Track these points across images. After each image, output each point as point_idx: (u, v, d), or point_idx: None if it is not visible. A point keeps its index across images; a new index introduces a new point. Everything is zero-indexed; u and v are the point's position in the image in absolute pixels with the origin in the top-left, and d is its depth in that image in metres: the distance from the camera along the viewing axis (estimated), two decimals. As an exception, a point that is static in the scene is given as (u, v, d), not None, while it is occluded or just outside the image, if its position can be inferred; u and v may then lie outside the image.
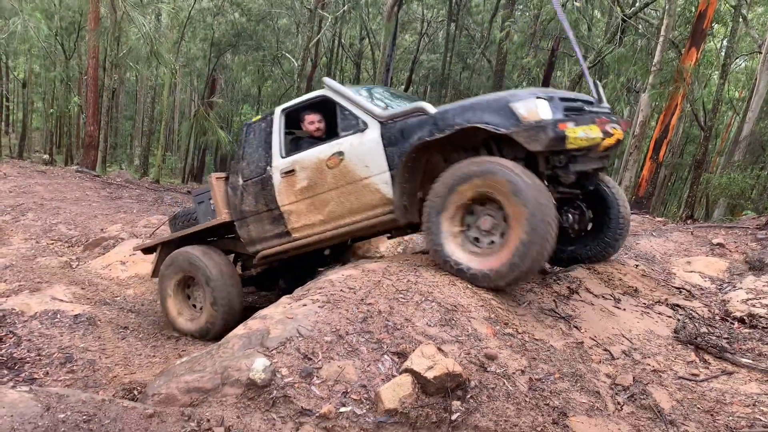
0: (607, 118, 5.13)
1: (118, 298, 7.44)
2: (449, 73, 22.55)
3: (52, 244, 9.83)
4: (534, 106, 4.51)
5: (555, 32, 14.35)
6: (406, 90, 24.46)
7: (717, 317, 5.44)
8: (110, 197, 13.81)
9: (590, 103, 5.26)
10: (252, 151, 6.18)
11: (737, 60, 26.61)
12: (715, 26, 20.66)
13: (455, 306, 4.36)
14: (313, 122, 6.04)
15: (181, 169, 29.11)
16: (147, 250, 7.41)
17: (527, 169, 4.54)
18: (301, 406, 3.33)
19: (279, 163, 5.89)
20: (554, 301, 5.01)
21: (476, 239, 4.86)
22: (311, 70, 21.20)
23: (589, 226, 5.94)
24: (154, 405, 3.50)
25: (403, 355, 3.74)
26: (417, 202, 5.26)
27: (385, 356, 3.74)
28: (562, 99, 4.80)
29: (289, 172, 5.76)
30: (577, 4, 13.74)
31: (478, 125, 4.64)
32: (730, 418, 3.59)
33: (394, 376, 3.56)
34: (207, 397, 3.48)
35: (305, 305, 4.17)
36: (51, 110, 28.72)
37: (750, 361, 4.55)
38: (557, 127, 4.45)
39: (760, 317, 5.49)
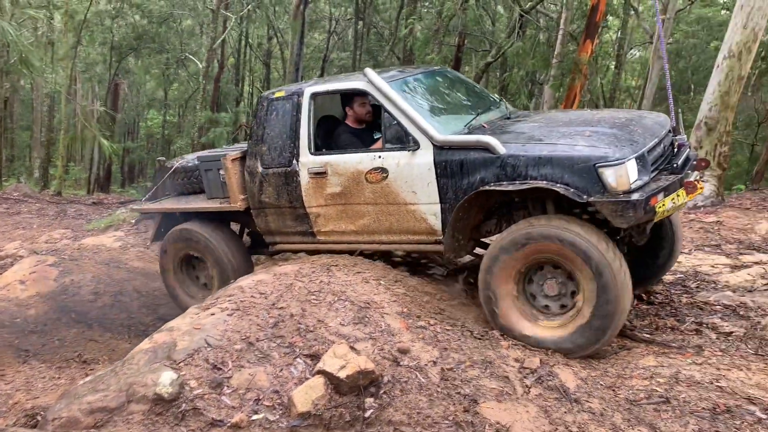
0: (691, 171, 4.50)
1: (18, 320, 7.01)
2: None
3: (-58, 267, 9.16)
4: (624, 173, 3.90)
5: (458, 28, 14.68)
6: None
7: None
8: (7, 213, 13.03)
9: (670, 134, 4.73)
10: (275, 136, 5.43)
11: (632, 50, 28.12)
12: (610, 19, 21.77)
13: (368, 303, 4.38)
14: (363, 104, 5.45)
15: (86, 180, 27.80)
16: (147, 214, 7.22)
17: (608, 239, 4.11)
18: (212, 418, 3.26)
19: (308, 160, 5.23)
20: (464, 290, 5.13)
21: (533, 296, 4.43)
22: (218, 72, 20.73)
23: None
24: (55, 430, 3.34)
25: (316, 357, 3.73)
26: (470, 238, 4.92)
27: (298, 360, 3.72)
28: (650, 150, 4.24)
29: (320, 174, 5.15)
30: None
31: (556, 188, 4.05)
32: (630, 391, 3.79)
33: (307, 379, 3.55)
34: (112, 417, 3.35)
35: (213, 314, 4.09)
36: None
37: (647, 336, 4.83)
38: (649, 204, 3.92)
39: (657, 293, 5.84)
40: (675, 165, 4.35)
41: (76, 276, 8.04)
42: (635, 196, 3.88)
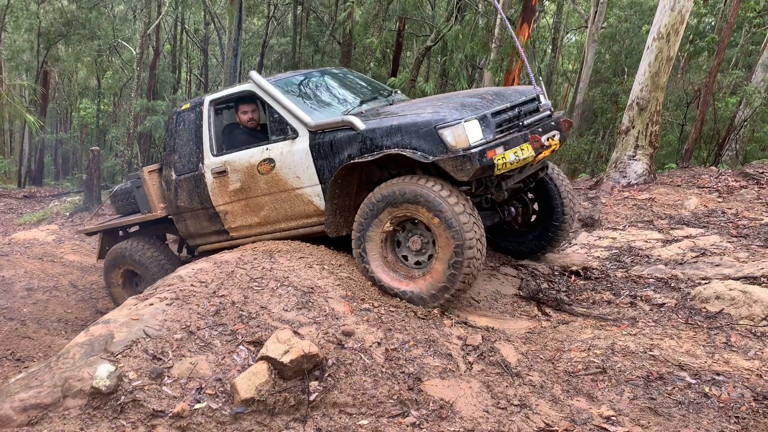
0: (542, 129, 4.84)
1: (-55, 320, 6.69)
2: (300, 56, 22.33)
3: None
4: (462, 131, 4.24)
5: (398, 13, 14.65)
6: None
7: (556, 273, 5.88)
8: (-71, 210, 12.35)
9: (530, 102, 5.04)
10: (183, 144, 5.88)
11: (568, 35, 28.74)
12: (546, 3, 22.17)
13: (312, 288, 4.37)
14: (246, 112, 5.76)
15: (17, 173, 26.61)
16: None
17: (456, 190, 4.40)
18: (153, 408, 3.18)
19: (211, 161, 5.64)
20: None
21: (405, 257, 4.74)
22: (154, 58, 20.12)
23: (533, 218, 5.89)
24: (-15, 430, 3.20)
25: (259, 344, 3.69)
26: (352, 216, 5.04)
27: (241, 347, 3.67)
28: (496, 113, 4.58)
29: (222, 173, 5.54)
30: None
31: (404, 152, 4.41)
32: (569, 363, 3.90)
33: (250, 366, 3.50)
34: (47, 413, 3.23)
35: (152, 304, 3.98)
36: None
37: (584, 310, 4.99)
38: (484, 156, 4.21)
39: (593, 269, 6.02)
40: (522, 123, 4.75)
41: (6, 272, 7.74)
42: (472, 151, 4.22)
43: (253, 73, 5.45)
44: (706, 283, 5.06)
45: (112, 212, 7.59)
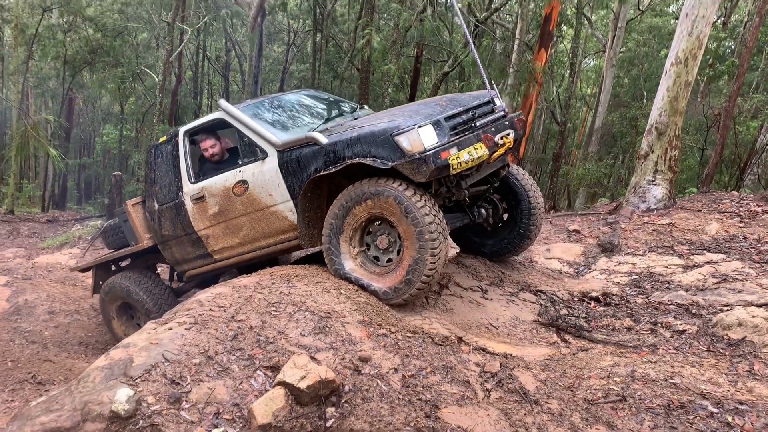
0: (495, 129, 5.09)
1: (-32, 342, 6.79)
2: (320, 83, 22.61)
3: None
4: (416, 137, 4.49)
5: (416, 39, 14.81)
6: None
7: (575, 298, 5.83)
8: (-44, 233, 12.60)
9: (485, 105, 5.30)
10: (162, 175, 6.10)
11: (586, 59, 28.80)
12: (564, 28, 22.26)
13: (329, 313, 4.37)
14: (206, 149, 5.98)
15: (41, 197, 27.08)
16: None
17: (418, 189, 4.61)
18: (170, 434, 3.20)
19: (189, 189, 5.87)
20: (426, 297, 5.16)
21: (376, 258, 4.96)
22: (176, 85, 20.47)
23: (505, 218, 6.13)
24: (6, 454, 3.23)
25: (276, 369, 3.70)
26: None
27: (258, 372, 3.69)
28: (449, 117, 4.83)
29: (200, 198, 5.76)
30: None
31: (365, 161, 4.65)
32: (588, 391, 3.85)
33: (267, 391, 3.51)
34: (66, 438, 3.26)
35: (171, 329, 4.02)
36: None
37: (604, 337, 4.93)
38: (439, 157, 4.46)
39: (613, 295, 5.96)
40: (474, 125, 4.98)
41: (29, 295, 7.85)
42: (426, 153, 4.45)
43: (222, 101, 5.69)
44: (728, 310, 4.98)
45: (105, 249, 7.73)
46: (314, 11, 21.68)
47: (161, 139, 6.25)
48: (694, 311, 5.27)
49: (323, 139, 4.92)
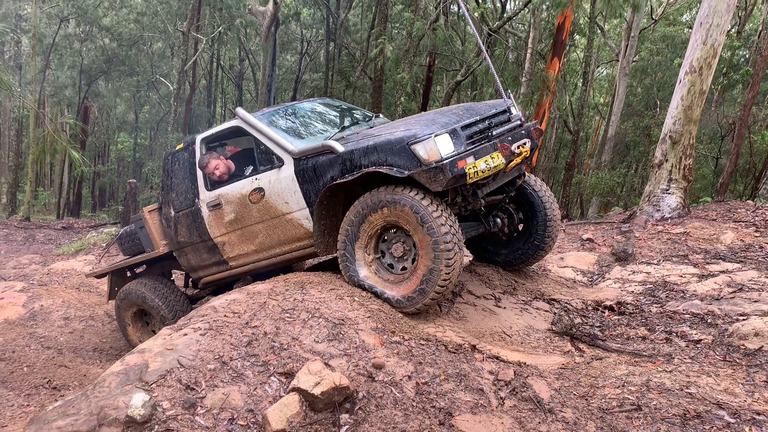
0: (512, 138, 5.08)
1: (-15, 347, 6.86)
2: (332, 92, 22.74)
3: None
4: (433, 146, 4.48)
5: (428, 48, 14.87)
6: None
7: (589, 307, 5.80)
8: (-27, 240, 12.76)
9: (501, 114, 5.29)
10: (179, 182, 6.13)
11: (599, 68, 28.76)
12: (577, 37, 22.26)
13: (343, 320, 4.39)
14: (213, 172, 5.80)
15: (56, 204, 27.36)
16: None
17: (434, 198, 4.61)
18: (186, 439, 3.22)
19: (205, 196, 5.88)
20: (438, 305, 5.16)
21: (390, 265, 4.96)
22: (190, 93, 20.66)
23: (520, 228, 6.09)
24: (24, 457, 3.26)
25: (290, 375, 3.71)
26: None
27: (272, 378, 3.70)
28: (466, 126, 4.81)
29: (216, 206, 5.77)
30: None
31: (381, 170, 4.64)
32: (603, 400, 3.83)
33: (281, 397, 3.52)
34: (83, 442, 3.28)
35: (186, 335, 4.04)
36: None
37: (619, 346, 4.90)
38: (456, 166, 4.44)
39: (627, 304, 5.93)
40: (490, 134, 4.95)
41: (45, 301, 7.91)
42: (443, 162, 4.43)
43: (239, 110, 5.69)
44: (744, 320, 4.94)
45: (120, 256, 7.72)
46: (327, 21, 21.84)
47: (178, 147, 6.28)
48: (709, 321, 5.22)
49: (340, 148, 4.92)
